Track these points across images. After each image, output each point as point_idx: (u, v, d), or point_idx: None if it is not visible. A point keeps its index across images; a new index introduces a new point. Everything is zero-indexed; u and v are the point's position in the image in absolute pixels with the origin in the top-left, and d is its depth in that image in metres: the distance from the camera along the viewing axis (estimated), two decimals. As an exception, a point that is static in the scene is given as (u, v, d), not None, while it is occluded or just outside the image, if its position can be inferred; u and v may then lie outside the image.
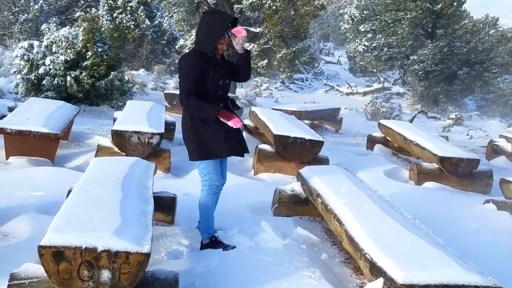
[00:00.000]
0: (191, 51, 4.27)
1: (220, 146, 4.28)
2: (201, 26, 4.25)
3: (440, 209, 6.13)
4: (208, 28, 4.18)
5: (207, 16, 4.30)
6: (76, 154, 7.82)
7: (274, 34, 17.02)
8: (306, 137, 7.27)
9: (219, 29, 4.14)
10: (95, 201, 3.62)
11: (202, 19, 4.33)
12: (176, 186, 6.07)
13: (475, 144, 13.41)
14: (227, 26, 4.16)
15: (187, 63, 4.14)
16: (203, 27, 4.22)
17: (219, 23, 4.17)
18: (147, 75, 21.10)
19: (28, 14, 29.50)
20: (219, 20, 4.21)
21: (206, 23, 4.21)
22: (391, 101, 22.58)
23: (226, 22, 4.19)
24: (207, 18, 4.28)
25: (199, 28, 4.27)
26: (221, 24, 4.16)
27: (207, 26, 4.19)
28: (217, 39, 4.16)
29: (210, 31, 4.16)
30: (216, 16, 4.32)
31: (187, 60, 4.18)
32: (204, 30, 4.20)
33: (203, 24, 4.25)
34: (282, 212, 5.40)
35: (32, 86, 12.30)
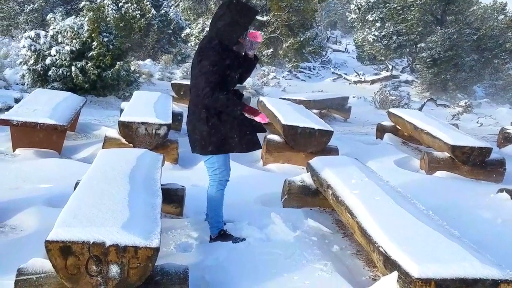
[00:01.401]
0: (212, 42, 4.05)
1: (237, 141, 4.20)
2: (230, 17, 4.00)
3: (452, 199, 6.04)
4: (237, 21, 4.00)
5: (236, 7, 4.02)
6: (83, 145, 7.78)
7: (281, 23, 16.90)
8: (315, 127, 7.18)
9: (247, 23, 4.05)
10: (102, 194, 3.58)
11: (228, 9, 4.03)
12: (184, 178, 6.02)
13: (485, 132, 13.26)
14: (253, 20, 4.07)
15: (212, 54, 3.97)
16: (233, 19, 3.99)
17: (247, 17, 4.06)
18: (154, 65, 21.01)
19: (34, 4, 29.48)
20: (247, 13, 4.07)
21: (235, 15, 3.99)
22: (400, 89, 22.37)
23: (253, 16, 4.11)
24: (236, 9, 4.01)
25: (226, 19, 4.01)
26: (249, 18, 4.07)
27: (236, 19, 3.99)
28: (242, 34, 4.06)
29: (239, 25, 4.02)
30: (246, 10, 4.09)
31: (212, 51, 3.99)
32: (234, 23, 4.00)
33: (231, 15, 4.00)
34: (292, 204, 5.34)
35: (39, 77, 12.24)
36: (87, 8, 13.46)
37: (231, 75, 4.11)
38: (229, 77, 4.08)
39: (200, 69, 4.00)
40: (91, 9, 13.14)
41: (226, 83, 4.06)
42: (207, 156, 4.27)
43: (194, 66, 4.15)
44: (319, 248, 4.24)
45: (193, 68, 4.16)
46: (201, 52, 4.06)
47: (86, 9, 13.41)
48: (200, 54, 4.05)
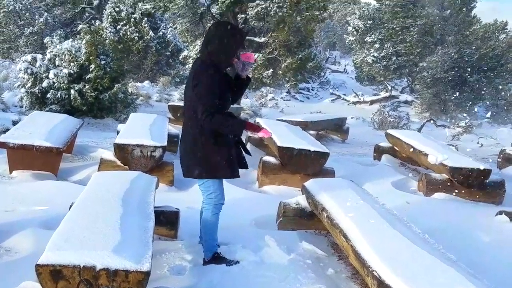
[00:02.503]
0: (207, 65, 4.04)
1: (233, 166, 4.19)
2: (219, 39, 4.01)
3: (450, 221, 5.97)
4: (227, 43, 4.01)
5: (224, 29, 4.06)
6: (79, 167, 7.78)
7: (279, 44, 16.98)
8: (311, 149, 7.15)
9: (238, 45, 4.06)
10: (94, 217, 3.56)
11: (218, 31, 4.06)
12: (179, 200, 5.99)
13: (486, 153, 13.17)
14: (243, 42, 4.09)
15: (207, 78, 3.95)
16: (222, 41, 4.00)
17: (238, 39, 4.07)
18: (152, 87, 21.09)
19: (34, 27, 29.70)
20: (237, 35, 4.10)
21: (224, 37, 4.00)
22: (399, 109, 22.42)
23: (243, 37, 4.12)
24: (224, 31, 4.05)
25: (216, 41, 4.03)
26: (240, 40, 4.09)
27: (226, 40, 4.00)
28: (233, 55, 4.07)
29: (229, 47, 4.02)
30: (234, 31, 4.13)
31: (206, 74, 3.97)
32: (224, 44, 4.01)
33: (220, 37, 4.01)
34: (287, 226, 5.29)
35: (37, 100, 12.29)
36: (84, 31, 13.54)
37: (226, 97, 4.10)
38: (224, 98, 4.07)
39: (195, 94, 3.98)
40: (89, 32, 13.21)
41: (221, 105, 4.04)
42: (202, 180, 4.23)
43: (187, 89, 4.14)
44: (313, 271, 4.19)
45: (186, 91, 4.15)
46: (194, 76, 4.03)
47: (83, 32, 13.48)
48: (194, 78, 4.02)
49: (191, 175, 4.23)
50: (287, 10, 15.91)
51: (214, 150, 4.09)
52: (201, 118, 3.92)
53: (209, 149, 4.08)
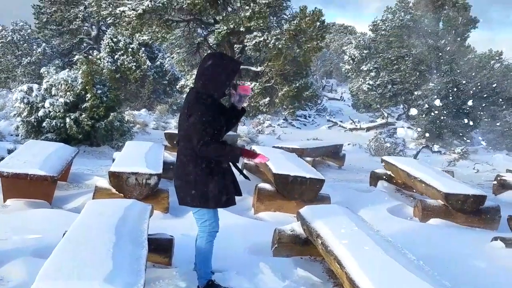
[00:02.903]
0: (201, 95, 4.04)
1: (228, 195, 4.17)
2: (212, 70, 4.02)
3: (446, 247, 5.96)
4: (221, 73, 4.01)
5: (217, 60, 4.06)
6: (74, 195, 7.73)
7: (275, 73, 17.08)
8: (306, 176, 7.15)
9: (232, 75, 4.06)
10: (86, 246, 3.54)
11: (212, 62, 4.05)
12: (174, 227, 5.97)
13: (481, 179, 13.22)
14: (237, 71, 4.11)
15: (202, 108, 3.95)
16: (216, 72, 4.01)
17: (232, 69, 4.06)
18: (149, 115, 21.19)
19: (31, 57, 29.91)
20: (231, 65, 4.08)
21: (218, 67, 4.01)
22: (395, 136, 22.49)
23: (237, 68, 4.12)
24: (217, 62, 4.05)
25: (209, 72, 4.03)
26: (234, 70, 4.07)
27: (219, 71, 4.01)
28: (228, 85, 4.08)
29: (223, 77, 4.02)
30: (228, 62, 4.11)
31: (200, 105, 3.97)
32: (218, 75, 4.01)
33: (214, 68, 4.02)
34: (282, 253, 5.26)
35: (32, 129, 12.32)
36: (81, 61, 13.64)
37: (221, 125, 4.10)
38: (219, 127, 4.07)
39: (191, 124, 3.97)
40: (85, 62, 13.31)
41: (216, 133, 4.05)
42: (196, 208, 4.21)
43: (181, 119, 4.13)
44: (308, 298, 4.16)
45: (181, 121, 4.15)
46: (189, 107, 4.02)
47: (80, 62, 13.59)
48: (189, 109, 4.01)
49: (186, 203, 4.21)
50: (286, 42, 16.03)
51: (208, 179, 4.07)
52: (197, 147, 3.92)
53: (203, 178, 4.06)
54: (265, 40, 16.23)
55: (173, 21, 18.11)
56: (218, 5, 16.99)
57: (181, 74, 24.84)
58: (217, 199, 4.13)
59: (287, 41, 16.02)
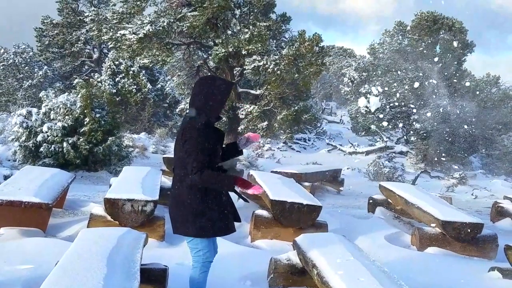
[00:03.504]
0: (193, 122, 4.02)
1: (222, 224, 4.11)
2: (205, 95, 4.01)
3: (443, 277, 5.87)
4: (213, 97, 4.00)
5: (208, 84, 4.07)
6: (69, 223, 7.65)
7: (274, 96, 17.13)
8: (303, 202, 7.08)
9: (225, 97, 4.04)
10: (75, 279, 3.49)
11: (203, 87, 4.06)
12: (170, 255, 5.92)
13: (480, 205, 13.13)
14: (229, 94, 4.09)
15: (196, 134, 3.92)
16: (208, 96, 4.00)
17: (224, 91, 4.03)
18: (149, 138, 21.17)
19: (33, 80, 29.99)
20: (223, 88, 4.05)
21: (209, 92, 4.00)
22: (394, 160, 22.47)
23: (229, 89, 4.10)
24: (208, 86, 4.04)
25: (201, 97, 4.02)
26: (226, 92, 4.05)
27: (211, 95, 4.00)
28: (221, 108, 4.07)
29: (217, 100, 4.01)
30: (219, 84, 4.09)
31: (194, 131, 3.94)
32: (210, 99, 3.99)
33: (206, 93, 4.01)
34: (278, 283, 5.19)
35: (30, 153, 12.30)
36: (80, 85, 13.68)
37: (216, 152, 4.07)
38: (214, 154, 4.04)
39: (186, 151, 3.95)
40: (84, 86, 13.35)
41: (211, 160, 4.02)
42: (190, 238, 4.15)
43: (177, 145, 4.10)
44: (303, 332, 4.08)
45: (176, 147, 4.12)
46: (183, 133, 3.99)
47: (79, 86, 13.63)
48: (184, 135, 3.98)
49: (179, 232, 4.16)
50: (285, 67, 16.11)
51: (202, 208, 4.01)
52: (191, 174, 3.89)
53: (197, 207, 4.01)
54: (264, 64, 16.31)
55: (173, 44, 18.27)
56: (218, 28, 17.13)
57: (181, 97, 24.93)
58: (211, 229, 4.06)
59: (285, 66, 16.10)
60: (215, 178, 3.93)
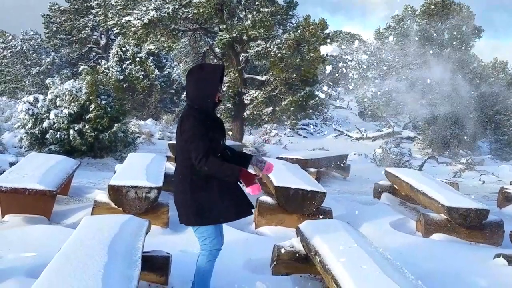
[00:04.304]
0: (191, 110, 4.03)
1: (225, 210, 4.06)
2: (194, 84, 4.03)
3: (447, 264, 5.82)
4: (203, 84, 4.00)
5: (196, 73, 4.07)
6: (74, 210, 7.64)
7: (280, 82, 17.03)
8: (308, 188, 7.03)
9: (216, 82, 4.02)
10: (77, 267, 3.48)
11: (192, 77, 4.08)
12: (173, 243, 5.89)
13: (487, 190, 13.03)
14: (219, 77, 4.05)
15: (195, 122, 3.92)
16: (198, 84, 4.01)
17: (213, 75, 4.03)
18: (155, 124, 21.16)
19: (40, 67, 29.99)
20: (213, 73, 4.05)
21: (198, 80, 4.02)
22: (401, 145, 22.35)
23: (218, 73, 4.07)
24: (197, 74, 4.06)
25: (193, 86, 4.05)
26: (215, 74, 4.03)
27: (201, 82, 4.01)
28: (215, 94, 4.03)
29: (207, 86, 4.00)
30: (207, 70, 4.11)
31: (193, 119, 3.94)
32: (201, 87, 4.00)
33: (195, 82, 4.03)
34: (281, 270, 5.15)
35: (36, 140, 12.31)
36: (86, 71, 13.65)
37: (216, 139, 4.04)
38: (215, 140, 4.01)
39: (186, 140, 3.94)
40: (90, 73, 13.32)
41: (213, 146, 3.98)
42: (196, 227, 4.13)
43: (178, 135, 4.09)
44: (305, 320, 4.06)
45: (177, 135, 4.11)
46: (182, 122, 4.00)
47: (85, 72, 13.60)
48: (183, 124, 3.98)
49: (183, 222, 4.15)
50: (286, 51, 16.01)
51: (203, 196, 3.99)
52: (196, 161, 3.86)
53: (198, 195, 3.99)
54: (267, 48, 16.21)
55: (179, 30, 18.16)
56: (223, 14, 17.01)
57: (188, 84, 24.83)
58: (212, 217, 4.03)
59: (287, 50, 15.99)
60: (220, 167, 3.90)
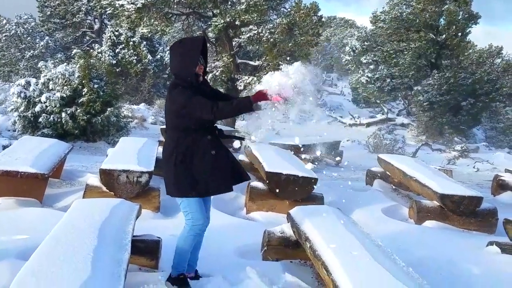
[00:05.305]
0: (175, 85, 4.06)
1: (204, 183, 4.06)
2: (174, 58, 4.11)
3: (439, 252, 5.78)
4: (183, 57, 4.03)
5: (177, 47, 4.12)
6: (66, 193, 7.62)
7: (273, 67, 16.96)
8: (299, 174, 7.00)
9: (195, 53, 4.01)
10: (66, 250, 3.48)
11: (172, 52, 4.16)
12: (164, 227, 5.88)
13: (481, 178, 13.00)
14: (200, 49, 4.04)
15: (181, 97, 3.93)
16: (177, 58, 4.07)
17: (192, 47, 4.04)
18: (148, 109, 21.09)
19: (35, 50, 29.88)
20: (189, 44, 4.10)
21: (178, 53, 4.08)
22: (395, 132, 22.36)
23: (198, 46, 4.06)
24: (176, 48, 4.12)
25: (174, 62, 4.13)
26: (194, 47, 4.04)
27: (180, 56, 4.05)
28: (195, 66, 4.03)
29: (187, 59, 4.01)
30: (186, 43, 4.17)
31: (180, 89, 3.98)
32: (181, 60, 4.04)
33: (175, 55, 4.11)
34: (271, 256, 5.14)
35: (29, 124, 12.27)
36: (79, 55, 13.57)
37: None
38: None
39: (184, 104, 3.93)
40: (82, 56, 13.24)
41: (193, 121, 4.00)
42: (180, 200, 4.14)
43: (168, 106, 4.11)
44: (295, 306, 4.05)
45: (167, 108, 4.12)
46: (171, 98, 4.05)
47: (77, 56, 13.52)
48: (172, 94, 4.04)
49: (168, 193, 4.20)
50: (279, 36, 15.94)
51: (186, 167, 4.02)
52: (210, 115, 3.85)
53: (182, 166, 4.02)
54: (259, 33, 16.13)
55: (172, 14, 18.03)
56: (217, -2, 16.90)
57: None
58: (194, 189, 4.05)
59: (280, 35, 15.91)
60: (231, 107, 3.90)
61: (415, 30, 25.20)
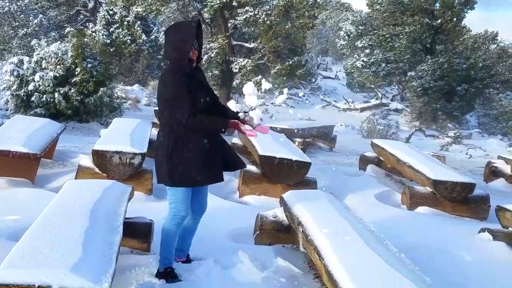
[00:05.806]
0: (169, 71, 4.05)
1: (195, 173, 4.01)
2: (169, 43, 4.06)
3: (431, 238, 5.80)
4: (177, 42, 3.97)
5: (169, 32, 4.08)
6: (58, 174, 7.59)
7: (268, 50, 16.89)
8: (292, 158, 7.00)
9: (189, 37, 3.95)
10: (57, 231, 3.46)
11: (166, 37, 4.10)
12: (157, 209, 5.81)
13: (474, 164, 13.03)
14: (195, 34, 3.98)
15: (173, 85, 3.89)
16: (172, 43, 4.02)
17: (186, 32, 3.97)
18: (142, 90, 20.96)
19: (28, 28, 29.57)
20: (184, 29, 4.02)
21: (172, 39, 4.02)
22: (389, 117, 22.29)
23: (192, 29, 4.00)
24: (170, 33, 4.06)
25: (167, 46, 4.09)
26: (189, 32, 3.97)
27: (174, 41, 3.99)
28: (189, 48, 3.97)
29: (181, 43, 3.95)
30: (179, 26, 4.15)
31: (170, 80, 3.94)
32: (175, 45, 3.98)
33: (169, 41, 4.05)
34: (263, 240, 5.14)
35: (22, 103, 12.18)
36: (71, 34, 13.42)
37: (199, 97, 3.99)
38: (197, 97, 3.97)
39: (169, 99, 3.93)
40: (76, 35, 13.09)
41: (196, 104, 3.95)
42: (168, 187, 4.11)
43: (159, 97, 4.07)
44: (287, 290, 4.05)
45: (159, 96, 4.09)
46: (163, 85, 4.01)
47: (71, 35, 13.37)
48: (163, 86, 4.00)
49: (160, 181, 4.15)
50: (275, 18, 15.86)
51: (176, 156, 3.96)
52: (185, 121, 3.85)
53: (173, 155, 3.97)
54: (255, 15, 16.04)
55: (168, -8, 17.90)
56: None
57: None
58: (186, 177, 4.01)
59: (276, 17, 15.83)
60: (208, 121, 3.95)
61: (410, 14, 25.02)
